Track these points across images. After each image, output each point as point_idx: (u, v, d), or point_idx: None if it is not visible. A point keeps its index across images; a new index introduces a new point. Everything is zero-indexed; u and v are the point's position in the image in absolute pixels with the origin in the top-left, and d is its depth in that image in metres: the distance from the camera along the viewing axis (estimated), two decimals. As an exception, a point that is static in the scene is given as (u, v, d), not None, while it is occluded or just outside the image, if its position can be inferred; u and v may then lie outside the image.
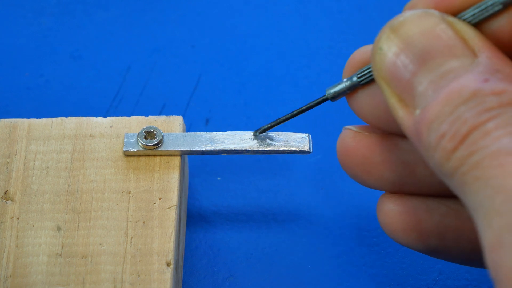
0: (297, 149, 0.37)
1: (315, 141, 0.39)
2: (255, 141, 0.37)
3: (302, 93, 0.47)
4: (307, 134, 0.38)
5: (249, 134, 0.38)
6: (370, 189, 0.33)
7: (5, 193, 0.37)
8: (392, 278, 0.40)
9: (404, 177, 0.32)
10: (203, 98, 0.47)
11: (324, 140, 0.44)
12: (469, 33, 0.26)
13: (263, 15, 0.50)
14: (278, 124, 0.36)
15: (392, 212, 0.32)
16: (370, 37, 0.50)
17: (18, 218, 0.36)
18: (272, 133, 0.38)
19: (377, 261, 0.41)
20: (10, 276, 0.34)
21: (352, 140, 0.32)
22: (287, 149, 0.37)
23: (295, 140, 0.38)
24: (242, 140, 0.38)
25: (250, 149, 0.37)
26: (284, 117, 0.35)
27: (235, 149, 0.37)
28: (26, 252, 0.35)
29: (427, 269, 0.40)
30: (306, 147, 0.37)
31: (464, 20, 0.27)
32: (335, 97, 0.31)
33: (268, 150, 0.37)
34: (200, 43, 0.49)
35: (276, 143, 0.37)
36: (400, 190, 0.32)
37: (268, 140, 0.37)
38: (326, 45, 0.49)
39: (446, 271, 0.40)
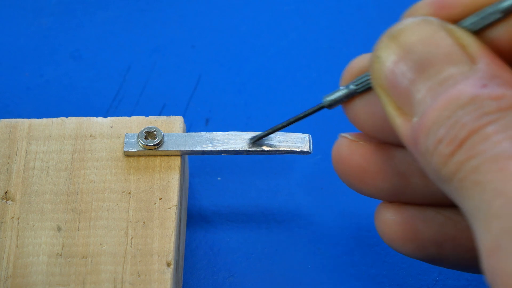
0: (297, 150, 0.37)
1: (315, 141, 0.39)
2: (256, 141, 0.37)
3: (302, 93, 0.47)
4: (307, 135, 0.38)
5: (250, 134, 0.38)
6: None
7: (6, 193, 0.37)
8: (392, 278, 0.40)
9: (399, 188, 0.31)
10: (203, 98, 0.47)
11: (324, 140, 0.44)
12: (468, 40, 0.26)
13: (263, 15, 0.50)
14: (274, 131, 0.36)
15: (390, 222, 0.32)
16: (370, 37, 0.50)
17: (18, 218, 0.36)
18: (272, 134, 0.37)
19: (377, 261, 0.41)
20: (11, 276, 0.34)
21: (347, 149, 0.32)
22: (287, 149, 0.37)
23: (295, 141, 0.38)
24: (242, 140, 0.38)
25: (250, 149, 0.37)
26: (280, 125, 0.35)
27: (236, 149, 0.37)
28: (26, 252, 0.35)
29: (427, 269, 0.40)
30: (306, 148, 0.37)
31: (463, 28, 0.27)
32: (332, 105, 0.31)
33: (268, 151, 0.37)
34: (200, 43, 0.49)
35: (277, 144, 0.37)
36: (396, 199, 0.32)
37: (268, 141, 0.37)
38: (326, 45, 0.49)
39: (446, 271, 0.40)
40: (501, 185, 0.23)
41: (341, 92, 0.30)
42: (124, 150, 0.37)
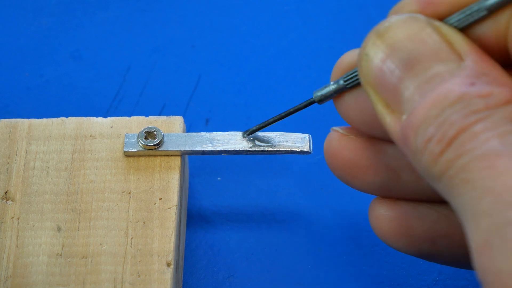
0: (297, 150, 0.37)
1: (315, 141, 0.39)
2: (256, 141, 0.37)
3: (302, 93, 0.47)
4: (307, 135, 0.38)
5: (249, 134, 0.38)
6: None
7: (6, 193, 0.37)
8: (392, 278, 0.40)
9: (390, 182, 0.32)
10: (203, 98, 0.47)
11: (324, 140, 0.44)
12: (455, 37, 0.26)
13: (263, 15, 0.50)
14: (266, 126, 0.36)
15: (383, 217, 0.32)
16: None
17: (18, 218, 0.36)
18: (272, 134, 0.38)
19: (377, 261, 0.41)
20: (11, 276, 0.34)
21: (338, 142, 0.32)
22: (287, 149, 0.37)
23: (295, 141, 0.38)
24: (243, 140, 0.38)
25: (250, 149, 0.37)
26: (272, 119, 0.35)
27: (236, 149, 0.37)
28: (26, 252, 0.35)
29: (427, 269, 0.40)
30: (306, 148, 0.38)
31: (450, 25, 0.27)
32: (322, 100, 0.31)
33: (268, 151, 0.37)
34: (200, 43, 0.49)
35: (276, 144, 0.37)
36: (387, 194, 0.32)
37: (268, 141, 0.37)
38: (326, 45, 0.49)
39: (446, 271, 0.40)
40: (490, 182, 0.23)
41: (330, 87, 0.31)
42: (124, 150, 0.37)
